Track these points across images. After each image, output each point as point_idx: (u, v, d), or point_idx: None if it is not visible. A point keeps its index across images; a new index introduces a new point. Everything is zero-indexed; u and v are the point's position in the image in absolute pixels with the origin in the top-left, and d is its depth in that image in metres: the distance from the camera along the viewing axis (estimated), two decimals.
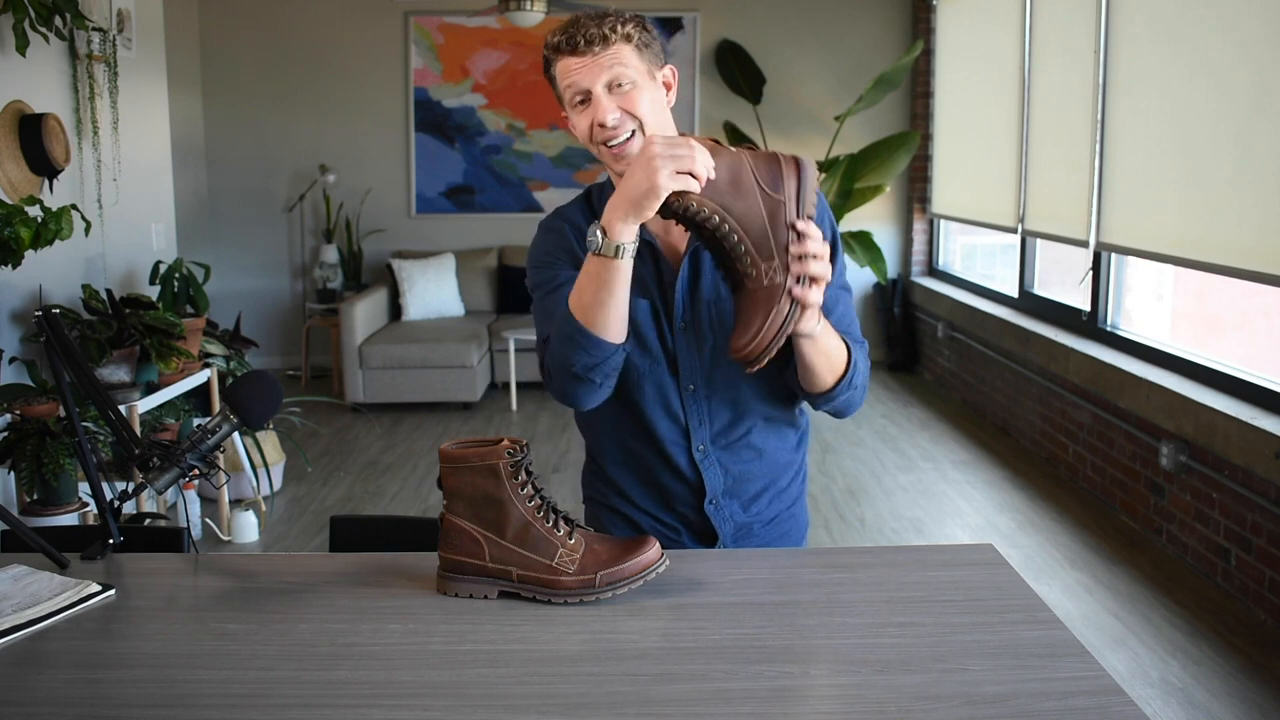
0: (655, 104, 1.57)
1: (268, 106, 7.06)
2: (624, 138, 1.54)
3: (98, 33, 4.09)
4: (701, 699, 1.15)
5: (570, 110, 1.58)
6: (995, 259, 6.83)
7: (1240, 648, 3.13)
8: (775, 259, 1.41)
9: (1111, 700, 1.14)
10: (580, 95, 1.54)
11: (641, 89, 1.54)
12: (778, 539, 1.75)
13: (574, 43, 1.52)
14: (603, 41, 1.52)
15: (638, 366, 1.63)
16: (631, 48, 1.54)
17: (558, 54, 1.55)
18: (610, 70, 1.52)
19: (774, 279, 1.41)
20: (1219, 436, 3.42)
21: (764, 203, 1.42)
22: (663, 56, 1.60)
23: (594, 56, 1.52)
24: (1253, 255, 3.38)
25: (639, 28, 1.55)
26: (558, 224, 1.69)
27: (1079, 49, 4.60)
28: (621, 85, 1.53)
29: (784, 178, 1.44)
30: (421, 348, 6.06)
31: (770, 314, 1.41)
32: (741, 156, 1.44)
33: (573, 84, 1.54)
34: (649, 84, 1.56)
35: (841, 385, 1.56)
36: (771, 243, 1.41)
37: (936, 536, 4.11)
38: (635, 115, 1.54)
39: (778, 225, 1.42)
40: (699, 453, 1.66)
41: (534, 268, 1.67)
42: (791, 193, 1.43)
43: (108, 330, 3.45)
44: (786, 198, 1.43)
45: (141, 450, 1.53)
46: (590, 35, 1.52)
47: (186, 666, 1.23)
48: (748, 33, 6.99)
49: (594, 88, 1.53)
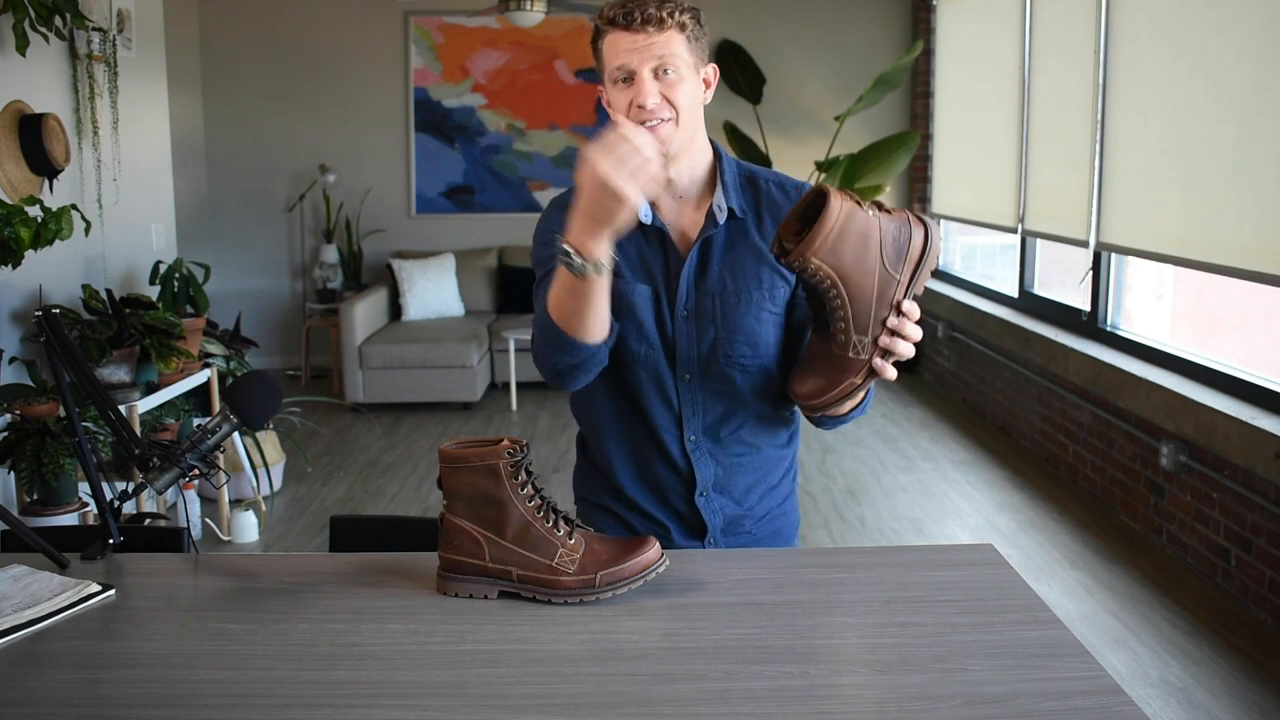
0: (694, 98, 1.57)
1: (268, 106, 7.06)
2: (657, 122, 1.53)
3: (98, 33, 4.09)
4: (701, 699, 1.15)
5: (610, 85, 1.57)
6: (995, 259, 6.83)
7: (1240, 648, 3.13)
8: (869, 334, 1.41)
9: (1111, 700, 1.14)
10: (625, 74, 1.54)
11: (685, 80, 1.54)
12: (769, 536, 1.75)
13: (630, 18, 1.52)
14: (658, 24, 1.51)
15: (634, 351, 1.63)
16: (684, 37, 1.54)
17: (611, 26, 1.54)
18: (659, 56, 1.52)
19: (860, 354, 1.42)
20: (1219, 436, 3.42)
21: (879, 278, 1.40)
22: (708, 53, 1.61)
23: (647, 36, 1.51)
24: (1253, 255, 3.38)
25: (694, 19, 1.56)
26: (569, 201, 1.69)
27: (1079, 49, 4.60)
28: (668, 73, 1.53)
29: (907, 252, 1.41)
30: (421, 348, 6.06)
31: (844, 383, 1.43)
32: (876, 223, 1.40)
33: (621, 61, 1.53)
34: (692, 77, 1.56)
35: (854, 412, 1.58)
36: (871, 318, 1.40)
37: (936, 536, 4.11)
38: (674, 105, 1.54)
39: (884, 302, 1.41)
40: (690, 443, 1.66)
41: (538, 244, 1.68)
42: (909, 272, 1.41)
43: (108, 330, 3.45)
44: (902, 276, 1.40)
45: (141, 450, 1.53)
46: (649, 15, 1.51)
47: (186, 666, 1.23)
48: (748, 33, 6.99)
49: (641, 70, 1.52)
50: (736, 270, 1.62)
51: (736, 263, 1.62)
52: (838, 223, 1.37)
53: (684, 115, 1.55)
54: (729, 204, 1.62)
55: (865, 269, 1.39)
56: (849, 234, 1.37)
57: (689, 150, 1.61)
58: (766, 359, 1.63)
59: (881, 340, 1.41)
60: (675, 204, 1.65)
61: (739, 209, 1.62)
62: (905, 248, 1.40)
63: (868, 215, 1.39)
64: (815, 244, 1.36)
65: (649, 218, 1.63)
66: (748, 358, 1.62)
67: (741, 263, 1.62)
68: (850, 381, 1.43)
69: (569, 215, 1.40)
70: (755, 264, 1.62)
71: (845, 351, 1.42)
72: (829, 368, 1.44)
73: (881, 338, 1.41)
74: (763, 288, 1.61)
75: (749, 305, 1.61)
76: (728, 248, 1.63)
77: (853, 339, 1.41)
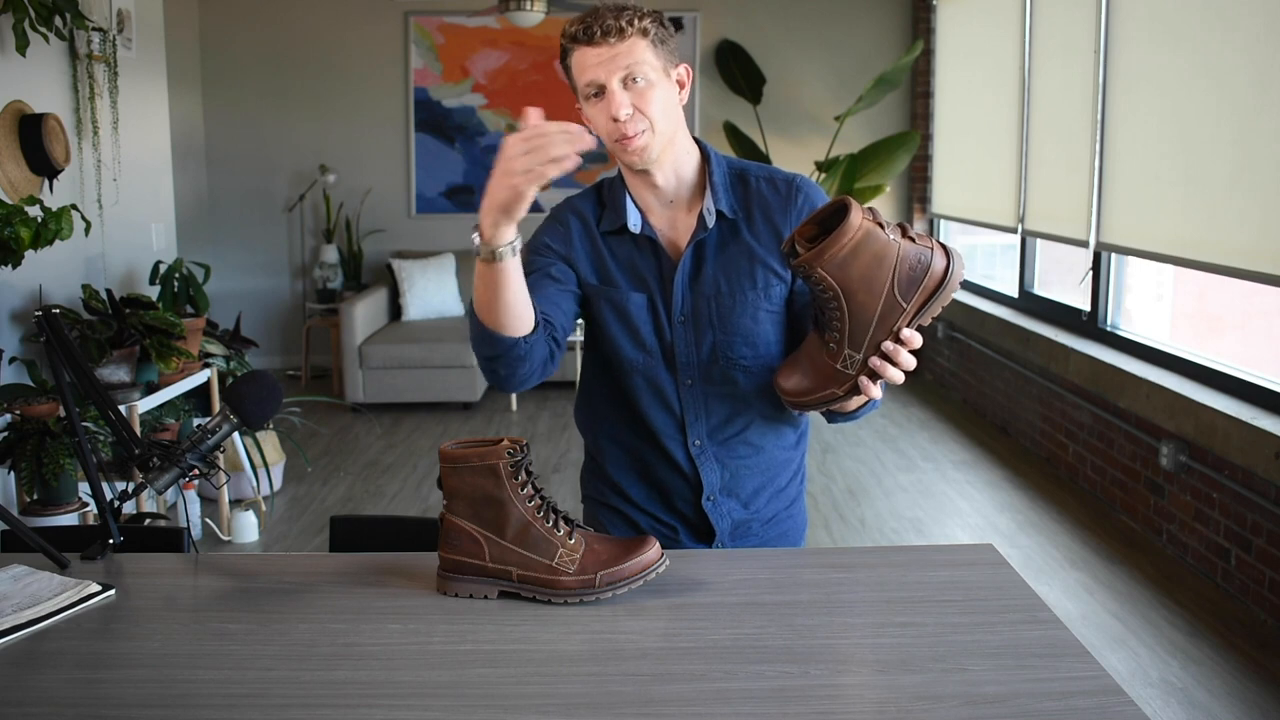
0: (668, 103, 1.56)
1: (268, 106, 7.06)
2: (633, 134, 1.53)
3: (98, 33, 4.09)
4: (701, 699, 1.15)
5: (584, 102, 1.57)
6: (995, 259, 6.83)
7: (1240, 648, 3.13)
8: (861, 353, 1.39)
9: (1111, 700, 1.14)
10: (595, 88, 1.54)
11: (655, 86, 1.54)
12: (776, 538, 1.75)
13: (590, 33, 1.52)
14: (619, 34, 1.51)
15: (631, 360, 1.63)
16: (647, 43, 1.53)
17: (575, 44, 1.54)
18: (625, 66, 1.51)
19: (847, 369, 1.40)
20: (1219, 436, 3.42)
21: (884, 301, 1.37)
22: (677, 54, 1.60)
23: (610, 48, 1.51)
24: (1253, 255, 3.38)
25: (656, 23, 1.55)
26: (564, 216, 1.69)
27: (1079, 49, 4.60)
28: (636, 80, 1.52)
29: (923, 281, 1.37)
30: (421, 348, 6.06)
31: (826, 390, 1.42)
32: (895, 248, 1.36)
33: (589, 77, 1.53)
34: (663, 81, 1.55)
35: (864, 409, 1.57)
36: (867, 338, 1.39)
37: (936, 536, 4.11)
38: (647, 115, 1.53)
39: (884, 326, 1.38)
40: (695, 447, 1.66)
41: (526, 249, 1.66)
42: (919, 303, 1.38)
43: (108, 330, 3.45)
44: (910, 308, 1.38)
45: (141, 450, 1.53)
46: (607, 26, 1.51)
47: (186, 666, 1.23)
48: (748, 33, 6.98)
49: (610, 82, 1.52)
50: (730, 272, 1.61)
51: (729, 264, 1.62)
52: (853, 240, 1.35)
53: (659, 121, 1.54)
54: (718, 206, 1.61)
55: (872, 290, 1.37)
56: (863, 252, 1.35)
57: (671, 153, 1.60)
58: (768, 357, 1.63)
59: (872, 362, 1.39)
60: (665, 209, 1.65)
61: (729, 210, 1.62)
62: (922, 277, 1.37)
63: (887, 238, 1.36)
64: (825, 256, 1.35)
65: (638, 227, 1.63)
66: (748, 358, 1.62)
67: (734, 264, 1.61)
68: (832, 391, 1.42)
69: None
70: (748, 264, 1.61)
71: (834, 362, 1.41)
72: (816, 371, 1.43)
73: (873, 359, 1.39)
74: (757, 287, 1.61)
75: (745, 306, 1.61)
76: (720, 250, 1.62)
77: (844, 352, 1.40)
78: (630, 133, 1.53)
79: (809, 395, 1.43)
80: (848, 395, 1.42)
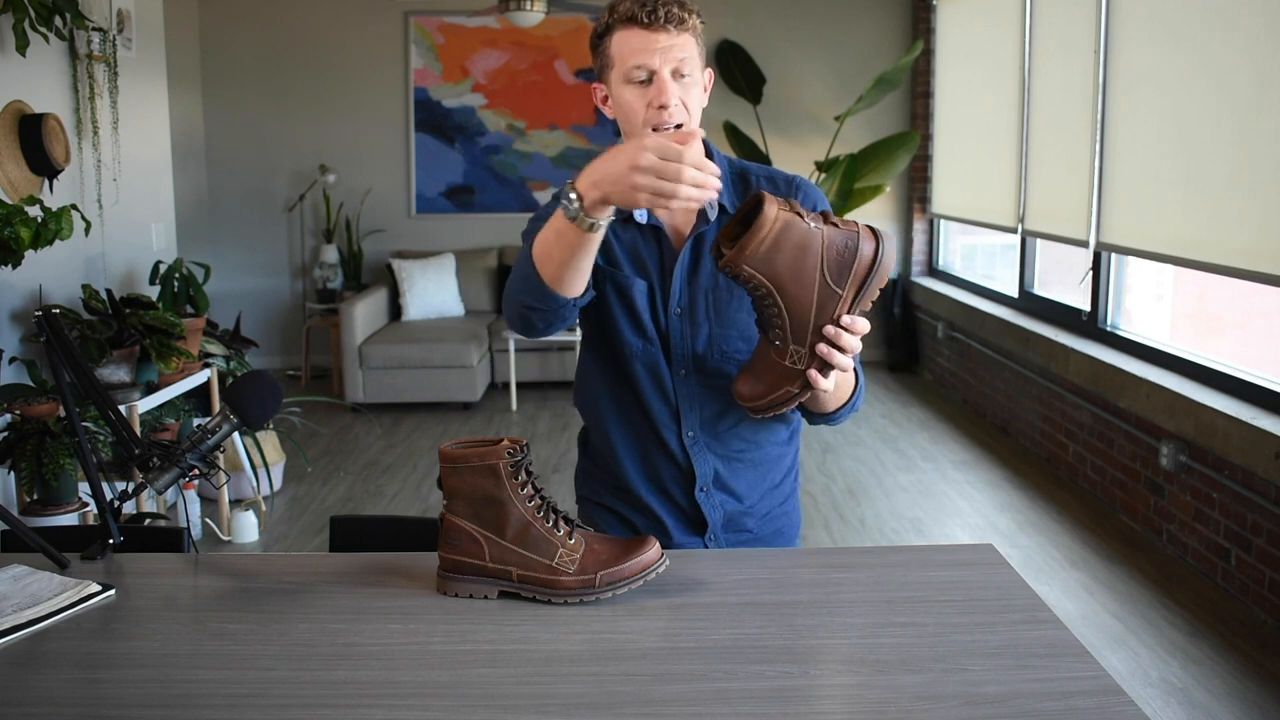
0: (701, 102, 1.56)
1: (268, 106, 7.06)
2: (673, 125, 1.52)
3: (98, 33, 4.09)
4: (701, 699, 1.15)
5: (622, 84, 1.53)
6: (995, 259, 6.83)
7: (1240, 648, 3.13)
8: (805, 345, 1.39)
9: (1111, 700, 1.14)
10: (646, 73, 1.50)
11: (696, 84, 1.54)
12: (770, 535, 1.75)
13: (654, 15, 1.48)
14: (679, 24, 1.50)
15: (632, 345, 1.63)
16: (695, 39, 1.53)
17: (630, 24, 1.50)
18: (679, 59, 1.50)
19: (796, 364, 1.40)
20: (1219, 436, 3.42)
21: (819, 293, 1.37)
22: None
23: (670, 35, 1.49)
24: (1253, 255, 3.38)
25: (702, 21, 1.55)
26: None
27: (1079, 49, 4.60)
28: (684, 75, 1.51)
29: (853, 267, 1.37)
30: (421, 348, 6.06)
31: (780, 389, 1.41)
32: (818, 235, 1.36)
33: (639, 60, 1.50)
34: (700, 79, 1.55)
35: (844, 410, 1.58)
36: (809, 330, 1.38)
37: (936, 536, 4.11)
38: (688, 109, 1.53)
39: (824, 315, 1.38)
40: (689, 438, 1.66)
41: (533, 218, 1.63)
42: (854, 288, 1.38)
43: (108, 330, 3.45)
44: (845, 293, 1.37)
45: (141, 450, 1.53)
46: (672, 13, 1.49)
47: (186, 666, 1.23)
48: (748, 33, 6.98)
49: (662, 70, 1.49)
50: None
51: None
52: (771, 232, 1.34)
53: (693, 120, 1.54)
54: (721, 199, 1.62)
55: (803, 281, 1.36)
56: (784, 244, 1.35)
57: None
58: None
59: (819, 349, 1.39)
60: None
61: (730, 205, 1.63)
62: (852, 261, 1.37)
63: (808, 227, 1.36)
64: (746, 251, 1.34)
65: (644, 216, 1.63)
66: (743, 353, 1.62)
67: None
68: (787, 390, 1.42)
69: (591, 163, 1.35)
70: None
71: (783, 360, 1.41)
72: (768, 372, 1.43)
73: (819, 347, 1.39)
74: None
75: (741, 301, 1.61)
76: None
77: (790, 348, 1.40)
78: (670, 124, 1.51)
79: (764, 398, 1.43)
80: (804, 391, 1.42)
